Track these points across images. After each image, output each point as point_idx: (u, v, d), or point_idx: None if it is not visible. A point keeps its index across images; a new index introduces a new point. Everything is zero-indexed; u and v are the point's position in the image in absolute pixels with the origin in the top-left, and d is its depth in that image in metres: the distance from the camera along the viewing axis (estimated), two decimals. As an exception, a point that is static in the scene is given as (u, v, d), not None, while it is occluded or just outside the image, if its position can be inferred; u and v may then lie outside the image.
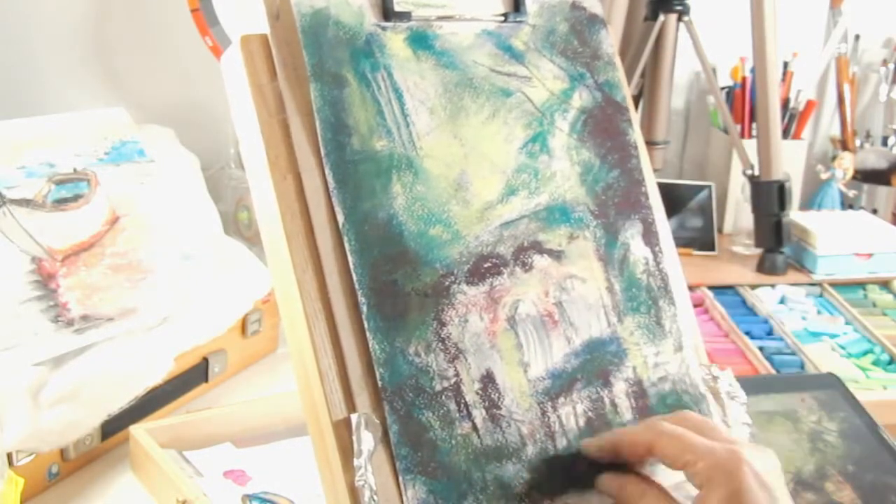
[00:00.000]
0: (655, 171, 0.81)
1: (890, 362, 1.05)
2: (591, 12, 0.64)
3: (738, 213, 1.41)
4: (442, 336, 0.53)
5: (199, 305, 0.86)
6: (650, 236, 0.63)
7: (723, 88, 1.47)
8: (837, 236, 1.27)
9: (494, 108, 0.58)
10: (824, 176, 1.51)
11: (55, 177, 0.84)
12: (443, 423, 0.51)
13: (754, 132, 1.30)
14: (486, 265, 0.55)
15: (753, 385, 0.81)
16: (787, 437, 0.81)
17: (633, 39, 1.31)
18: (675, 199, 1.40)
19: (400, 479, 0.49)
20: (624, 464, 0.54)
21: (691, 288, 1.16)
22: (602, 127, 0.63)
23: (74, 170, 0.85)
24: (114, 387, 0.76)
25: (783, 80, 1.47)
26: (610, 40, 0.65)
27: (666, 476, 0.55)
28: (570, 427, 0.56)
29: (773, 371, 1.01)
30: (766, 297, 1.20)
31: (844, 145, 1.55)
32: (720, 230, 1.46)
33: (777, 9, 1.22)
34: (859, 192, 1.59)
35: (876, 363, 1.05)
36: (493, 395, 0.53)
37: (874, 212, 1.55)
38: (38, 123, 0.87)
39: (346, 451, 0.49)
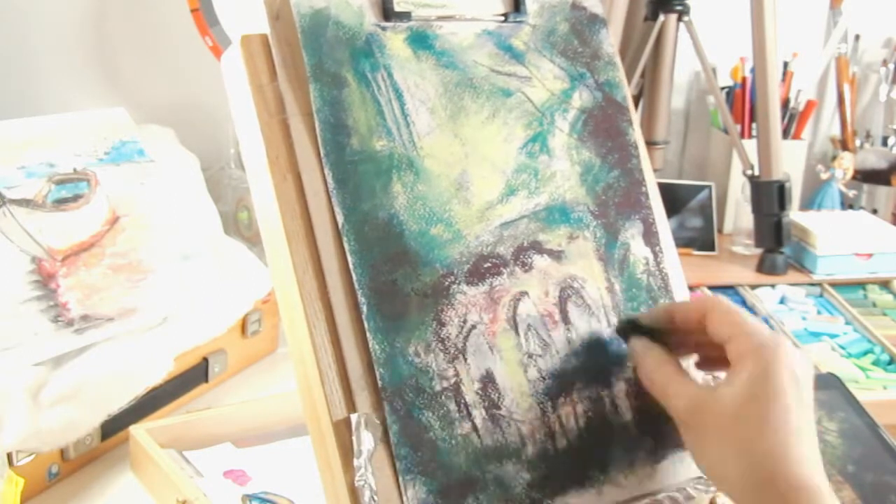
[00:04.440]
0: (655, 171, 0.81)
1: (890, 362, 1.05)
2: (592, 12, 0.64)
3: (738, 213, 1.41)
4: (442, 336, 0.53)
5: (199, 305, 0.86)
6: (650, 236, 0.63)
7: (723, 88, 1.47)
8: (837, 236, 1.27)
9: (494, 108, 0.58)
10: (824, 176, 1.51)
11: (55, 177, 0.84)
12: (443, 423, 0.51)
13: (754, 132, 1.30)
14: (486, 265, 0.55)
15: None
16: (787, 437, 0.81)
17: (633, 39, 1.30)
18: (675, 199, 1.40)
19: (400, 479, 0.49)
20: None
21: (691, 288, 1.16)
22: (602, 127, 0.63)
23: (74, 170, 0.85)
24: (114, 387, 0.76)
25: (783, 80, 1.47)
26: (610, 40, 0.65)
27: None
28: (570, 427, 0.56)
29: (773, 371, 1.01)
30: (766, 297, 1.20)
31: (844, 145, 1.55)
32: (720, 230, 1.46)
33: (777, 9, 1.22)
34: (859, 192, 1.59)
35: (876, 363, 1.05)
36: (493, 396, 0.53)
37: (874, 212, 1.55)
38: (38, 123, 0.87)
39: (346, 451, 0.49)
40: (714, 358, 0.56)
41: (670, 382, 0.54)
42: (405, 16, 0.56)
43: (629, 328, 0.58)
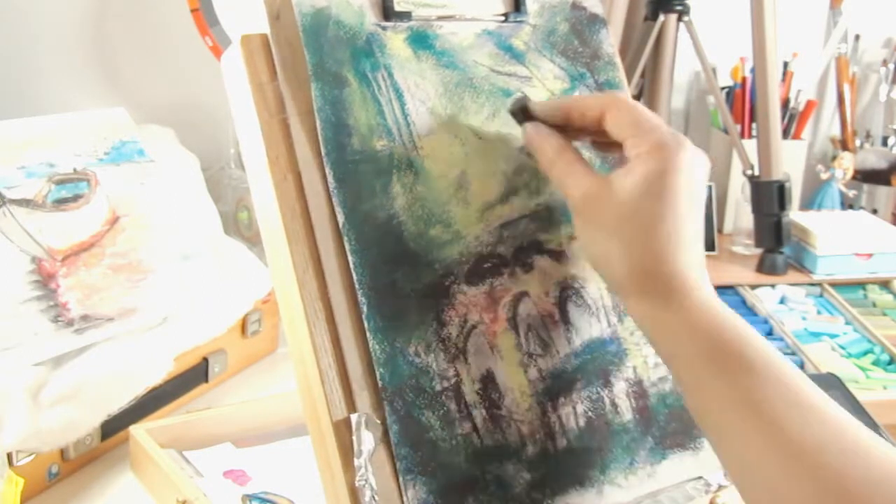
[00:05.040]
0: (655, 171, 0.81)
1: (890, 362, 1.05)
2: (592, 12, 0.64)
3: (738, 213, 1.41)
4: (442, 336, 0.53)
5: (199, 305, 0.86)
6: (650, 236, 0.63)
7: (723, 88, 1.47)
8: (837, 236, 1.27)
9: (494, 108, 0.58)
10: (824, 176, 1.51)
11: (55, 177, 0.83)
12: (443, 423, 0.51)
13: (754, 132, 1.30)
14: (486, 265, 0.55)
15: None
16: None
17: (633, 39, 1.31)
18: (675, 199, 1.39)
19: (400, 479, 0.49)
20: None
21: (691, 288, 1.16)
22: (602, 127, 0.63)
23: (74, 170, 0.85)
24: (114, 387, 0.76)
25: (783, 80, 1.47)
26: (610, 40, 0.65)
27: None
28: (570, 427, 0.56)
29: (773, 371, 1.01)
30: (766, 297, 1.20)
31: (844, 145, 1.55)
32: (720, 230, 1.46)
33: (777, 9, 1.22)
34: (859, 192, 1.59)
35: (876, 363, 1.05)
36: (493, 395, 0.53)
37: (874, 212, 1.55)
38: (38, 123, 0.87)
39: (347, 451, 0.49)
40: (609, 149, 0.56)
41: (570, 172, 0.53)
42: (405, 15, 0.56)
43: (521, 112, 0.56)
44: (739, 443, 0.47)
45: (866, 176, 1.54)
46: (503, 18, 0.60)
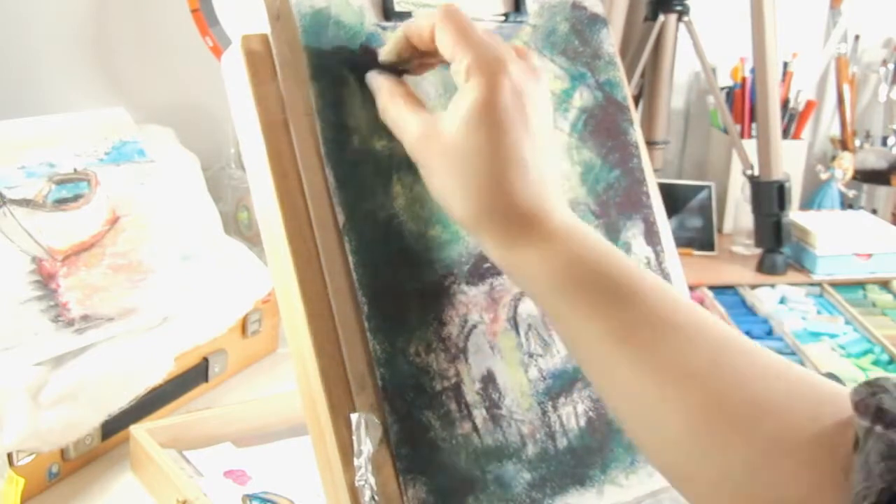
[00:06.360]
0: (655, 171, 0.81)
1: (890, 362, 1.05)
2: (592, 12, 0.64)
3: (738, 213, 1.41)
4: (442, 336, 0.53)
5: (199, 305, 0.86)
6: (652, 236, 0.63)
7: (723, 88, 1.47)
8: (837, 236, 1.27)
9: (495, 108, 0.58)
10: (824, 176, 1.51)
11: (55, 177, 0.84)
12: (443, 422, 0.51)
13: (754, 132, 1.30)
14: (486, 265, 0.55)
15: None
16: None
17: (633, 39, 1.31)
18: (675, 199, 1.40)
19: (400, 478, 0.49)
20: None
21: (691, 288, 1.16)
22: (603, 126, 0.63)
23: (74, 170, 0.85)
24: (114, 387, 0.76)
25: (783, 80, 1.47)
26: (611, 39, 0.65)
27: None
28: (570, 427, 0.56)
29: (773, 371, 1.01)
30: (766, 297, 1.20)
31: (844, 145, 1.55)
32: (720, 230, 1.46)
33: (777, 9, 1.22)
34: (859, 193, 1.59)
35: (876, 363, 1.05)
36: (493, 395, 0.53)
37: (874, 212, 1.55)
38: (38, 123, 0.87)
39: (347, 451, 0.49)
40: None
41: (401, 113, 0.50)
42: (405, 15, 0.55)
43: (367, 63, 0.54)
44: (614, 375, 0.45)
45: (866, 176, 1.54)
46: (503, 18, 0.60)
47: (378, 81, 0.52)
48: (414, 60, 0.52)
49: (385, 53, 0.53)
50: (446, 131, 0.48)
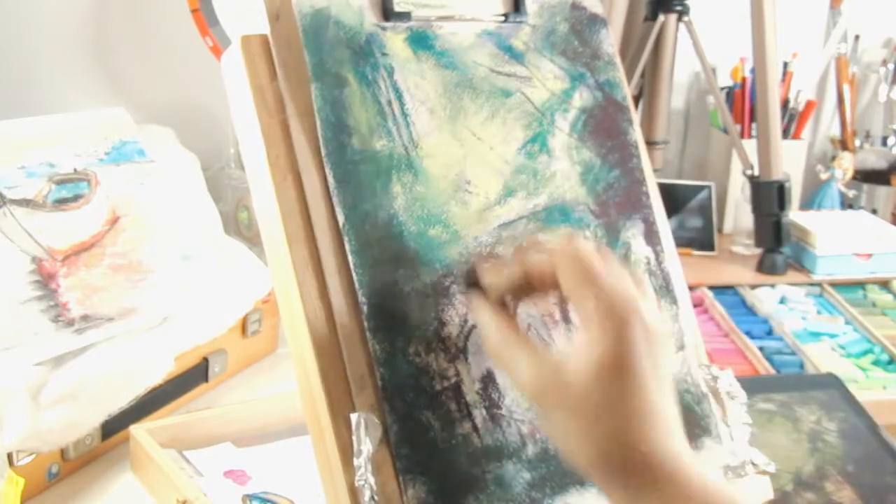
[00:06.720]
0: (655, 171, 0.81)
1: (890, 362, 1.05)
2: (592, 12, 0.64)
3: (738, 213, 1.41)
4: (442, 336, 0.53)
5: (199, 305, 0.86)
6: (651, 236, 0.63)
7: (723, 88, 1.47)
8: (837, 236, 1.27)
9: (494, 109, 0.58)
10: (824, 176, 1.51)
11: (55, 177, 0.84)
12: (443, 422, 0.51)
13: (754, 132, 1.30)
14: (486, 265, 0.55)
15: (753, 385, 0.81)
16: (787, 437, 0.81)
17: (633, 39, 1.31)
18: (675, 199, 1.40)
19: (400, 478, 0.49)
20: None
21: (691, 288, 1.16)
22: (603, 126, 0.63)
23: (74, 170, 0.85)
24: (114, 387, 0.76)
25: (783, 80, 1.47)
26: (610, 39, 0.65)
27: None
28: (570, 427, 0.56)
29: (772, 371, 1.01)
30: (765, 297, 1.20)
31: (844, 145, 1.55)
32: (720, 230, 1.46)
33: (777, 9, 1.22)
34: (859, 193, 1.59)
35: (876, 363, 1.05)
36: (493, 395, 0.53)
37: (874, 212, 1.55)
38: (38, 123, 0.87)
39: (346, 451, 0.49)
40: None
41: (514, 355, 0.48)
42: (405, 16, 0.56)
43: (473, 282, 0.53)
44: None
45: (866, 176, 1.54)
46: (503, 19, 0.60)
47: (485, 317, 0.51)
48: (523, 294, 0.51)
49: (493, 283, 0.52)
50: (574, 381, 0.46)
